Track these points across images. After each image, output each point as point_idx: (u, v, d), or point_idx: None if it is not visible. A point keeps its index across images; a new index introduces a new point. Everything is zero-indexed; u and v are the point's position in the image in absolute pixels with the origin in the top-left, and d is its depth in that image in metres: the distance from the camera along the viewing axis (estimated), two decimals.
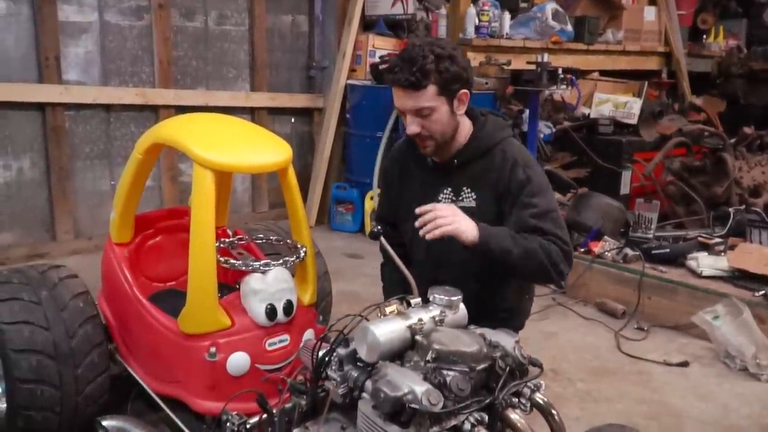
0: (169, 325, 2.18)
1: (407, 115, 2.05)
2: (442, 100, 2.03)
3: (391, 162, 2.40)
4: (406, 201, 2.24)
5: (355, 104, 5.39)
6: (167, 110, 4.86)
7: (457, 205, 2.13)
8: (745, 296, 3.40)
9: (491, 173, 2.14)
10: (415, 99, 2.00)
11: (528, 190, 2.10)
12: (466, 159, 2.16)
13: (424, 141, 2.09)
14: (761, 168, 5.38)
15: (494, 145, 2.17)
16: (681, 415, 2.75)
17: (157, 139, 2.23)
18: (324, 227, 5.56)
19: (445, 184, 2.20)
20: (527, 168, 2.13)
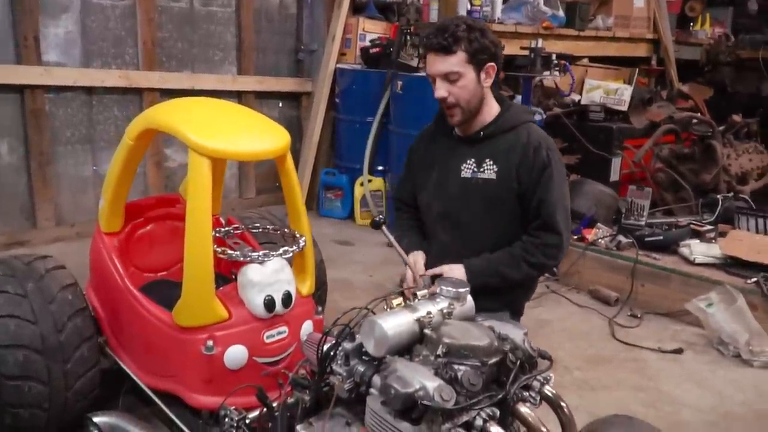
0: (164, 318, 2.11)
1: (437, 80, 2.17)
2: (470, 69, 2.15)
3: (418, 140, 2.54)
4: (427, 171, 2.39)
5: (344, 89, 5.31)
6: (152, 93, 4.75)
7: (477, 175, 2.28)
8: (738, 283, 3.40)
9: (515, 149, 2.25)
10: (445, 63, 2.13)
11: (548, 174, 2.23)
12: (491, 132, 2.27)
13: (451, 109, 2.21)
14: (748, 155, 5.39)
15: (520, 123, 2.29)
16: (677, 402, 2.75)
17: (150, 125, 2.14)
18: (312, 213, 5.49)
19: (469, 155, 2.30)
20: (550, 152, 2.26)
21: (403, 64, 4.85)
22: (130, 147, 2.18)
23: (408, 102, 4.79)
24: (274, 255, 2.07)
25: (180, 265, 2.62)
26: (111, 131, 4.66)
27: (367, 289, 3.83)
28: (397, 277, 4.03)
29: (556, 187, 2.25)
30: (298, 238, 2.22)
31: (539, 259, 2.24)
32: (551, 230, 2.24)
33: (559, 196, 2.27)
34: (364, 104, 5.20)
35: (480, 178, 2.28)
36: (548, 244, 2.24)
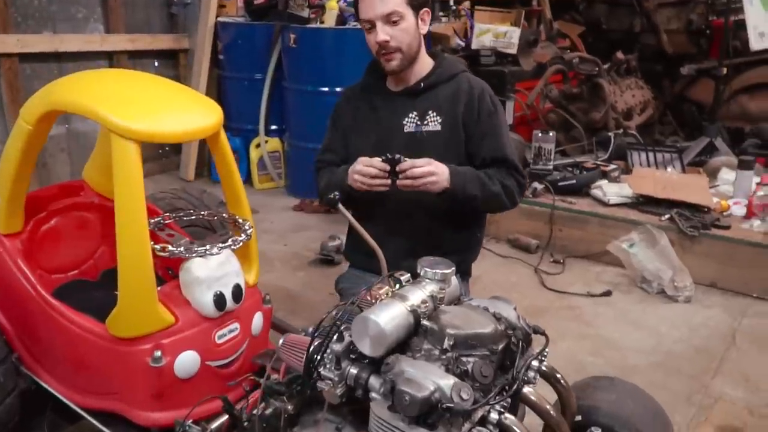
0: (94, 329, 1.82)
1: (377, 24, 2.05)
2: (410, 11, 2.06)
3: (344, 100, 2.38)
4: (365, 131, 2.26)
5: (228, 44, 4.93)
6: (9, 59, 4.19)
7: (421, 128, 2.18)
8: (652, 221, 3.51)
9: (458, 98, 2.17)
10: (387, 4, 2.02)
11: (496, 119, 2.19)
12: (432, 82, 2.19)
13: (391, 54, 2.09)
14: (631, 91, 5.59)
15: (458, 72, 2.23)
16: (620, 347, 2.80)
17: (55, 105, 1.79)
18: (205, 180, 5.15)
19: (410, 109, 2.20)
20: (493, 98, 2.22)
21: (293, 15, 4.55)
22: (28, 133, 1.83)
23: (303, 56, 4.51)
24: (223, 247, 1.82)
25: (92, 262, 2.33)
26: None
27: (287, 260, 3.62)
28: (313, 243, 3.85)
29: (505, 130, 2.23)
30: (241, 224, 1.98)
31: (511, 184, 2.16)
32: (514, 168, 2.18)
33: (508, 139, 2.23)
34: (252, 60, 4.88)
35: (425, 131, 2.18)
36: (515, 178, 2.17)
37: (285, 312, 2.86)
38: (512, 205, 2.21)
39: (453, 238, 2.24)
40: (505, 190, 2.14)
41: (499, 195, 2.13)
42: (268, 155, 4.91)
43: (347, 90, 2.40)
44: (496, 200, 2.15)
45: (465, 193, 2.08)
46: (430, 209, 2.17)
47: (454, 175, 2.06)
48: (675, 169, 4.45)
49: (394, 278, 1.63)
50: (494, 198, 2.13)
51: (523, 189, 2.23)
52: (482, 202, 2.13)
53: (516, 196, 2.19)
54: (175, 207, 2.50)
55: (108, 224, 2.29)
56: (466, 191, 2.08)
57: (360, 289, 1.67)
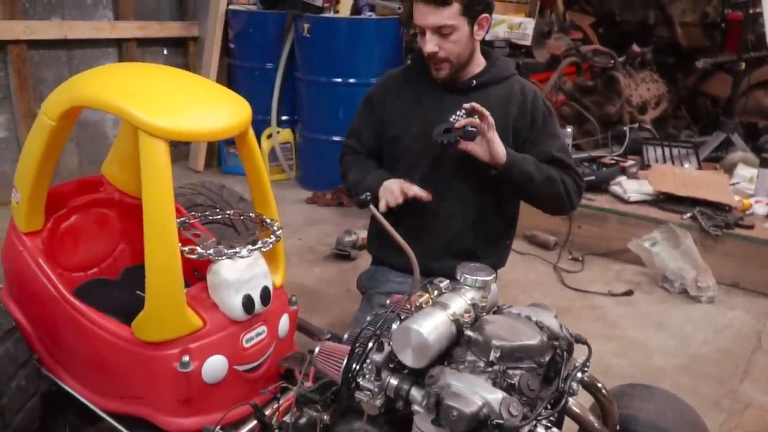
0: (120, 332, 1.77)
1: (426, 33, 1.98)
2: (464, 21, 1.97)
3: (384, 84, 2.28)
4: (407, 121, 2.17)
5: (239, 32, 4.85)
6: (18, 46, 4.12)
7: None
8: (674, 219, 3.45)
9: (511, 101, 2.11)
10: (438, 15, 1.94)
11: (550, 122, 2.14)
12: (485, 81, 2.12)
13: (439, 63, 2.04)
14: (646, 85, 5.52)
15: (510, 75, 2.16)
16: (645, 348, 2.76)
17: (79, 101, 1.72)
18: (214, 170, 5.09)
19: (459, 106, 2.09)
20: (546, 102, 2.17)
21: (306, 3, 4.46)
22: (51, 129, 1.76)
23: (317, 46, 4.43)
24: (253, 249, 1.77)
25: (111, 260, 2.28)
26: None
27: (301, 255, 3.57)
28: (327, 237, 3.80)
29: (561, 135, 2.19)
30: (270, 224, 1.93)
31: (569, 180, 2.08)
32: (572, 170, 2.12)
33: (564, 143, 2.19)
34: (263, 49, 4.80)
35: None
36: (574, 178, 2.11)
37: (303, 309, 2.78)
38: (571, 205, 2.14)
39: (484, 243, 2.19)
40: (562, 180, 2.06)
41: (556, 181, 2.05)
42: (280, 146, 4.84)
43: (388, 75, 2.30)
44: (555, 187, 2.05)
45: (522, 170, 2.00)
46: (463, 213, 2.12)
47: (511, 151, 2.01)
48: (691, 164, 4.39)
49: (433, 284, 1.58)
50: (552, 183, 2.04)
51: (581, 192, 2.15)
52: (539, 184, 2.03)
53: (574, 197, 2.11)
54: (195, 203, 2.44)
55: (128, 221, 2.24)
56: (523, 168, 2.00)
57: (394, 295, 1.63)
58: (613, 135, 4.87)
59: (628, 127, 4.89)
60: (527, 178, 2.02)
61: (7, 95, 4.17)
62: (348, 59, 4.38)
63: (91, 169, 4.24)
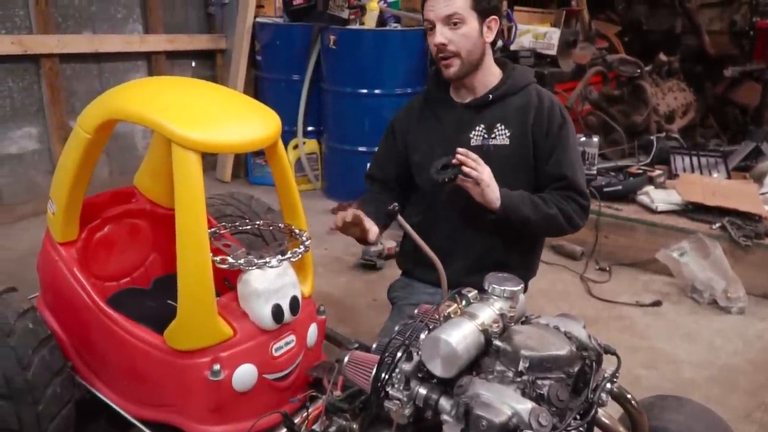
0: (152, 341, 1.80)
1: (437, 25, 1.98)
2: (473, 15, 1.98)
3: (404, 114, 2.29)
4: (429, 143, 2.17)
5: (266, 45, 4.90)
6: (50, 60, 4.20)
7: (488, 142, 2.11)
8: (702, 229, 3.42)
9: (528, 111, 2.08)
10: (448, 5, 1.95)
11: (565, 134, 2.10)
12: (502, 94, 2.10)
13: (448, 59, 2.01)
14: (673, 94, 5.48)
15: (528, 83, 2.14)
16: (674, 359, 2.73)
17: (114, 115, 1.77)
18: (241, 181, 5.15)
19: (477, 122, 2.11)
20: (563, 111, 2.13)
21: (332, 16, 4.51)
22: (87, 142, 1.81)
23: (343, 58, 4.47)
24: (283, 259, 1.79)
25: (143, 270, 2.32)
26: (6, 105, 4.11)
27: (327, 265, 3.59)
28: (353, 247, 3.81)
29: (573, 147, 2.13)
30: (299, 235, 1.95)
31: (570, 208, 2.05)
32: (576, 190, 2.08)
33: (577, 157, 2.15)
34: (290, 61, 4.84)
35: (492, 144, 2.10)
36: (577, 201, 2.07)
37: (330, 319, 2.81)
38: (573, 228, 2.10)
39: (515, 257, 2.17)
40: (562, 213, 2.04)
41: (555, 217, 2.03)
42: (306, 157, 4.89)
43: (408, 103, 2.32)
44: (554, 223, 2.05)
45: (518, 214, 2.00)
46: (493, 227, 2.11)
47: (506, 195, 1.99)
48: (719, 173, 4.35)
49: (461, 294, 1.58)
50: (550, 220, 2.04)
51: (585, 212, 2.11)
52: (536, 224, 2.03)
53: (576, 220, 2.07)
54: (225, 213, 2.48)
55: (159, 231, 2.29)
56: (519, 211, 2.00)
57: (422, 305, 1.64)
58: (640, 144, 4.84)
59: (655, 137, 4.85)
60: (524, 221, 2.01)
61: (40, 108, 4.26)
62: (373, 70, 4.42)
63: (121, 180, 4.31)
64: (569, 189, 2.07)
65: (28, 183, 4.25)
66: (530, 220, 2.02)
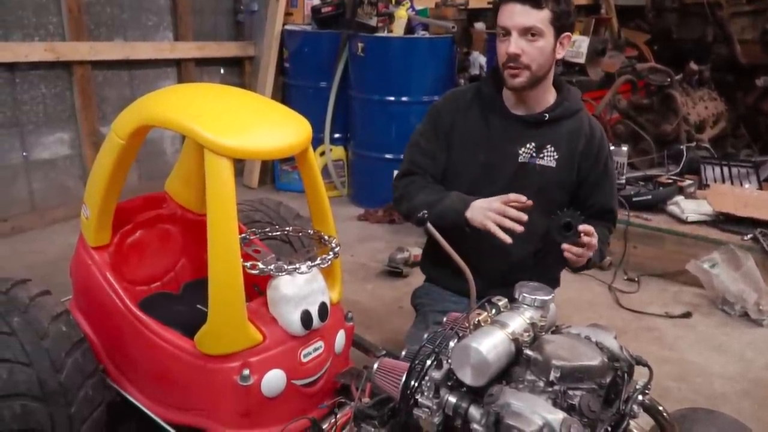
0: (182, 345, 1.82)
1: (512, 34, 1.93)
2: (551, 31, 1.95)
3: (451, 103, 2.21)
4: (473, 148, 2.14)
5: (294, 52, 4.94)
6: (82, 67, 4.27)
7: (536, 161, 2.10)
8: (734, 241, 3.37)
9: (578, 137, 2.10)
10: (529, 16, 1.91)
11: (611, 166, 2.20)
12: (558, 116, 2.08)
13: (518, 70, 1.96)
14: (704, 103, 5.42)
15: (580, 108, 2.15)
16: (705, 372, 2.69)
17: (148, 121, 1.79)
18: (268, 187, 5.18)
19: (529, 139, 2.10)
20: (606, 141, 2.18)
21: (360, 23, 4.53)
22: (120, 148, 1.84)
23: (371, 65, 4.48)
24: (313, 265, 1.80)
25: (173, 274, 2.34)
26: (39, 112, 4.18)
27: (354, 272, 3.60)
28: (379, 254, 3.82)
29: (614, 180, 2.23)
30: (328, 241, 1.96)
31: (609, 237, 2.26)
32: (613, 220, 2.26)
33: (615, 187, 2.28)
34: (317, 68, 4.87)
35: (538, 164, 2.10)
36: (611, 230, 2.26)
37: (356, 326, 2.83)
38: None
39: (545, 270, 2.17)
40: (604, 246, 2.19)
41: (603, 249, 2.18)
42: (332, 163, 4.91)
43: (454, 94, 2.24)
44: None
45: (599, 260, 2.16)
46: (524, 244, 2.08)
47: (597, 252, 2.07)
48: (751, 184, 4.28)
49: (491, 303, 1.58)
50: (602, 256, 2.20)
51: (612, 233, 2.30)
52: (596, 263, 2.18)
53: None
54: (254, 219, 2.49)
55: (189, 236, 2.31)
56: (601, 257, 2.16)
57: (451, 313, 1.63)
58: (669, 154, 4.78)
59: (685, 146, 4.79)
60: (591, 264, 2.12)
61: (72, 114, 4.33)
62: (401, 78, 4.43)
63: (150, 185, 4.36)
64: (611, 221, 2.24)
65: (60, 188, 4.32)
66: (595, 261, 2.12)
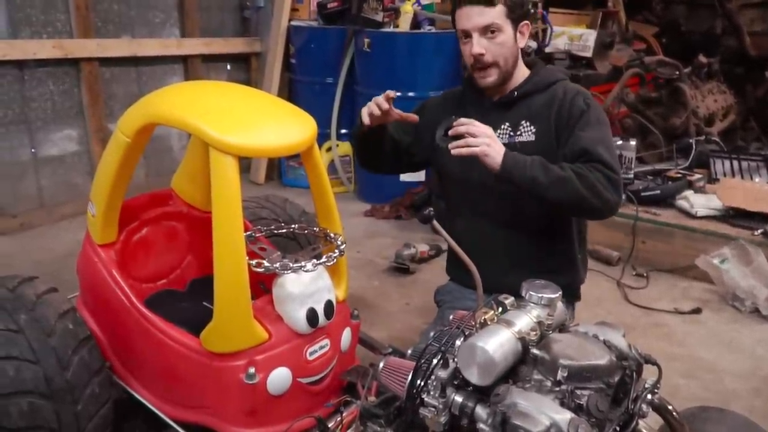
0: (188, 343, 1.82)
1: (473, 35, 1.99)
2: (508, 23, 1.99)
3: (442, 100, 2.33)
4: None
5: (300, 48, 4.93)
6: (89, 64, 4.27)
7: (514, 139, 2.09)
8: (744, 235, 3.34)
9: (552, 105, 2.05)
10: (485, 15, 1.96)
11: (586, 118, 2.00)
12: (527, 91, 2.09)
13: (486, 68, 2.03)
14: (713, 96, 5.38)
15: (555, 81, 2.11)
16: (715, 369, 2.67)
17: (153, 119, 1.79)
18: (275, 183, 5.18)
19: (503, 120, 2.12)
20: (587, 99, 2.06)
21: (366, 19, 4.51)
22: (126, 146, 1.83)
23: (377, 61, 4.47)
24: (318, 263, 1.79)
25: (179, 272, 2.34)
26: (47, 108, 4.18)
27: (360, 268, 3.59)
28: (386, 250, 3.81)
29: (596, 126, 1.97)
30: (334, 239, 1.95)
31: (592, 177, 1.85)
32: (600, 161, 1.88)
33: (603, 135, 1.97)
34: (324, 64, 4.86)
35: (518, 141, 2.08)
36: (601, 171, 1.87)
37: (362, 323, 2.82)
38: (599, 200, 1.86)
39: (554, 255, 2.15)
40: (579, 178, 1.84)
41: (570, 181, 1.84)
42: (339, 159, 4.90)
43: (445, 94, 2.37)
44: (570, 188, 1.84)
45: (523, 174, 1.85)
46: (527, 223, 2.09)
47: (509, 155, 1.87)
48: (761, 178, 4.25)
49: (498, 301, 1.56)
50: (565, 184, 1.84)
51: (614, 184, 1.88)
52: (547, 188, 1.85)
53: (601, 189, 1.85)
54: (259, 216, 2.49)
55: (195, 234, 2.31)
56: (524, 171, 1.85)
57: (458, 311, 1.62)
58: (678, 148, 4.75)
59: (694, 140, 4.76)
60: (530, 182, 1.87)
61: (80, 111, 4.33)
62: (407, 73, 4.41)
63: (157, 181, 4.37)
64: (592, 162, 1.89)
65: (68, 184, 4.33)
66: (538, 181, 1.86)
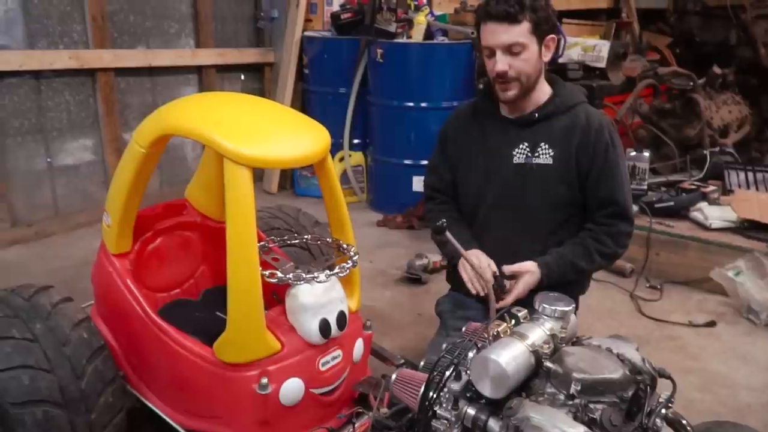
0: (201, 353, 1.82)
1: (497, 52, 1.98)
2: (533, 40, 1.98)
3: (454, 122, 2.30)
4: (473, 157, 2.20)
5: (313, 58, 4.95)
6: (105, 74, 4.31)
7: (532, 160, 2.10)
8: (759, 248, 3.31)
9: (574, 131, 2.08)
10: (510, 33, 1.94)
11: (612, 156, 2.08)
12: (548, 113, 2.10)
13: (508, 83, 2.01)
14: (728, 107, 5.34)
15: (576, 104, 2.13)
16: (730, 383, 2.64)
17: (169, 130, 1.81)
18: (287, 193, 5.19)
19: (522, 139, 2.12)
20: (612, 132, 2.11)
21: (379, 29, 4.53)
22: (142, 156, 1.85)
23: (390, 71, 4.48)
24: (331, 274, 1.80)
25: (192, 281, 2.35)
26: (63, 118, 4.22)
27: (373, 278, 3.59)
28: (398, 260, 3.81)
29: (621, 170, 2.12)
30: (346, 250, 1.95)
31: (612, 248, 2.10)
32: (621, 217, 2.11)
33: (625, 178, 2.13)
34: (337, 75, 4.87)
35: (535, 163, 2.10)
36: (620, 233, 2.12)
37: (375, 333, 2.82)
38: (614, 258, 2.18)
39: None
40: (604, 259, 2.12)
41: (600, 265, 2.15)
42: (351, 169, 4.91)
43: (458, 111, 2.33)
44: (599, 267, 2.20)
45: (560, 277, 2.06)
46: (534, 243, 2.11)
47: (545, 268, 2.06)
48: None
49: (510, 314, 1.56)
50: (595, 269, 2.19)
51: (629, 237, 2.15)
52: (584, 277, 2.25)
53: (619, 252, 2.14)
54: (273, 226, 2.50)
55: (209, 244, 2.32)
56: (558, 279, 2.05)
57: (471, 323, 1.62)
58: (693, 159, 4.72)
59: (708, 151, 4.73)
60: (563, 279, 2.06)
61: (95, 121, 4.37)
62: (420, 84, 4.42)
63: (171, 191, 4.40)
64: (617, 216, 2.10)
65: (83, 193, 4.37)
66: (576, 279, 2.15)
